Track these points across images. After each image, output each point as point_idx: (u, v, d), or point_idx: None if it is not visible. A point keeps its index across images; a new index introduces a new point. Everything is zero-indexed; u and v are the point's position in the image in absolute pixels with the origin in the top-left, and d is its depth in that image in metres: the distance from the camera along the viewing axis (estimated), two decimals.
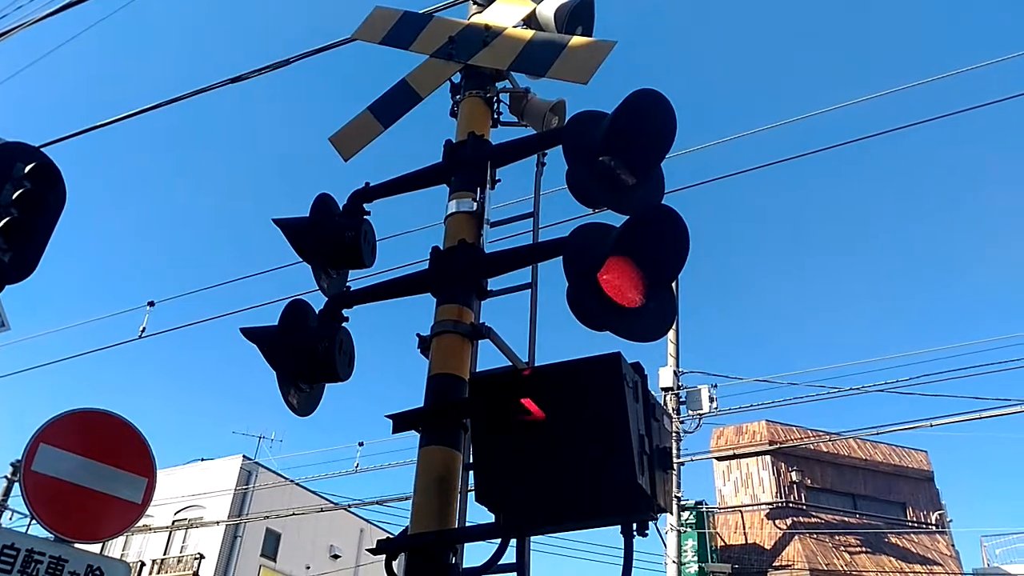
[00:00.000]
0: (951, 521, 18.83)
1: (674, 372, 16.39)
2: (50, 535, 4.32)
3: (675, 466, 15.24)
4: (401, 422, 3.53)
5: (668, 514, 15.34)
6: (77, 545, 4.39)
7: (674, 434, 15.45)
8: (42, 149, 5.95)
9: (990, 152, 51.21)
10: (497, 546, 2.99)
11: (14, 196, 5.32)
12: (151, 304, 12.77)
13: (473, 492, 3.22)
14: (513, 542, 2.99)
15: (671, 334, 16.38)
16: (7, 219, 5.24)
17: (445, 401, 3.51)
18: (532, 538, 3.18)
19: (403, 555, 3.25)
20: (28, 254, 5.34)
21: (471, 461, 3.40)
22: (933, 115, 8.88)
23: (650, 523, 2.96)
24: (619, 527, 2.92)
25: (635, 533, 2.92)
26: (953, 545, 18.32)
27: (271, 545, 29.04)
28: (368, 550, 3.60)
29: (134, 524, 4.65)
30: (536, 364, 3.82)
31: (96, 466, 4.47)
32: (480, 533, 3.15)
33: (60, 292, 63.41)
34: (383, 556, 3.26)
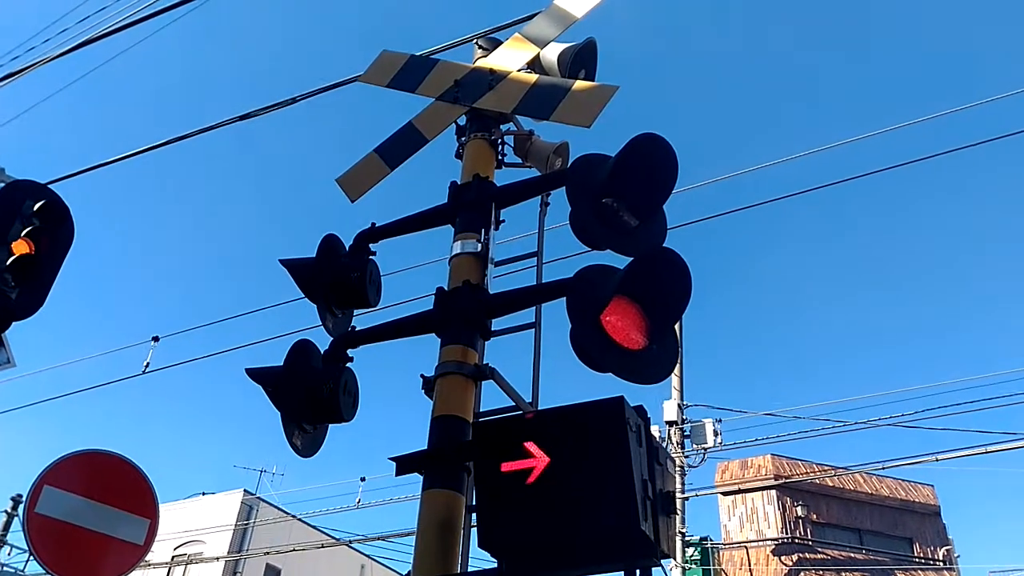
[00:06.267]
0: (959, 556, 18.65)
1: (678, 405, 16.32)
2: None
3: (679, 502, 15.10)
4: (405, 465, 3.53)
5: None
6: None
7: (678, 469, 15.35)
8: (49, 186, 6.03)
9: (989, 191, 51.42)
10: None
11: (23, 233, 5.37)
12: (155, 339, 12.81)
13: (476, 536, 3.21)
14: None
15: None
16: (16, 256, 5.28)
17: (448, 444, 3.51)
18: None
19: None
20: (35, 291, 5.37)
21: (474, 503, 3.41)
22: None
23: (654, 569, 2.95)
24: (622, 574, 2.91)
25: None
26: None
27: None
28: None
29: (136, 565, 4.63)
30: (539, 404, 3.83)
31: (99, 507, 4.47)
32: None
33: (65, 327, 63.50)
34: None
